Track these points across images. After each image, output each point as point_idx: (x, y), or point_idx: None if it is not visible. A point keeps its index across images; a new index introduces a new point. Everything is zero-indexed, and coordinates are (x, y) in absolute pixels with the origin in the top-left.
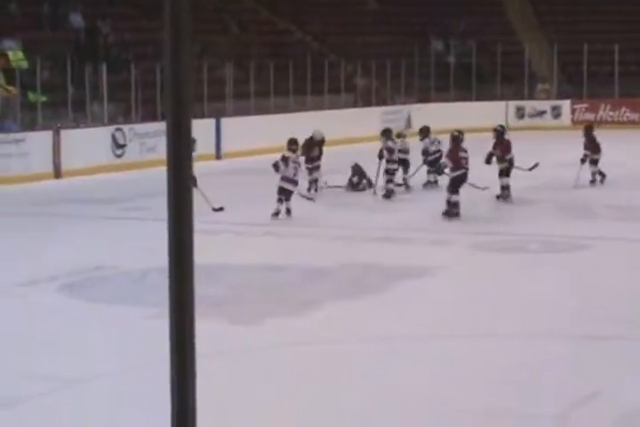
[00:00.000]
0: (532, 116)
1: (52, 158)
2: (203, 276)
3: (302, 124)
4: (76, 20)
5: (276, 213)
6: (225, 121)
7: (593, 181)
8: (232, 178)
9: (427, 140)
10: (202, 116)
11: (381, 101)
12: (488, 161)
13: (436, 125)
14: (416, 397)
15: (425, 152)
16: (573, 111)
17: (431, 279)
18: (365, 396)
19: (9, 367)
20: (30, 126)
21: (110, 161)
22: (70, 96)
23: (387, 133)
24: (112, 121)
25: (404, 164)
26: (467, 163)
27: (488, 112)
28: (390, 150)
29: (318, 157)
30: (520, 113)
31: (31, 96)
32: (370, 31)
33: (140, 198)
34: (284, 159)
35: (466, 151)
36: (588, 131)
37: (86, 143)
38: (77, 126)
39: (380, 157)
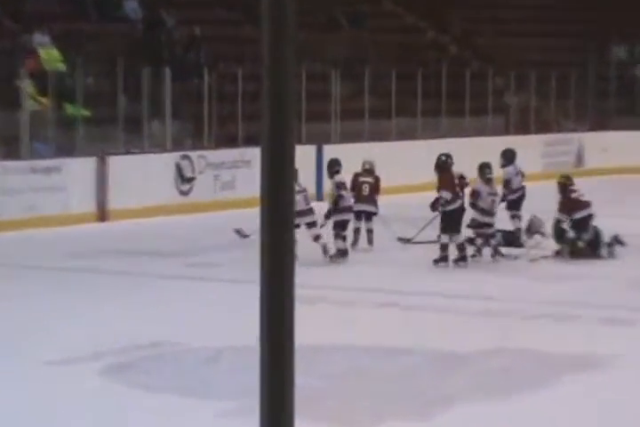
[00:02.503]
0: None
1: (96, 194)
2: (297, 360)
3: (433, 153)
4: (133, 7)
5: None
6: (329, 148)
7: None
8: None
9: (510, 169)
10: (298, 140)
11: (543, 127)
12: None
13: (618, 161)
14: None
15: (507, 184)
16: None
17: (603, 371)
18: None
19: None
20: (68, 151)
21: (173, 199)
22: (122, 110)
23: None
24: (177, 146)
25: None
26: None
27: None
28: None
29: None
30: None
31: (70, 109)
32: (528, 32)
33: (211, 251)
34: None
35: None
36: None
37: (142, 175)
38: (130, 152)
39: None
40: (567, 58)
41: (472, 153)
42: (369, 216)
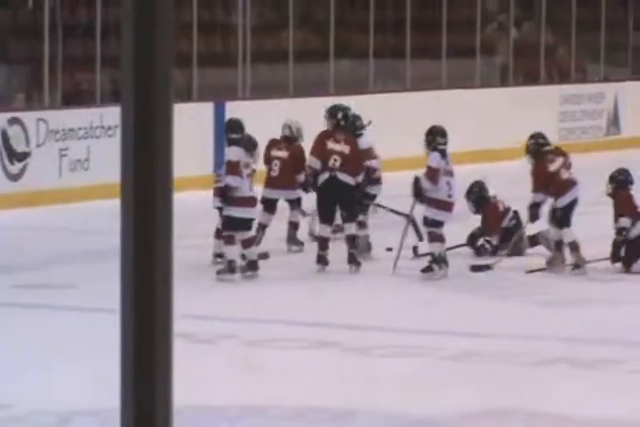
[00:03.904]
0: None
1: None
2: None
3: (391, 113)
4: None
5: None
6: (233, 106)
7: None
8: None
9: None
10: (187, 95)
11: (559, 75)
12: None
13: None
14: None
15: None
16: None
17: None
18: None
19: None
20: None
21: None
22: None
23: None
24: (1, 103)
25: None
26: None
27: None
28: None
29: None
30: None
31: None
32: None
33: (53, 266)
34: None
35: None
36: None
37: None
38: None
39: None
40: None
41: (451, 112)
42: (292, 205)
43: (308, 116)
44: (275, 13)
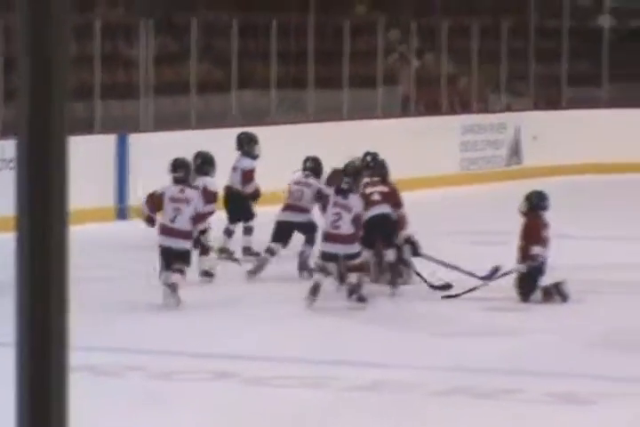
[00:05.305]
0: None
1: None
2: None
3: (294, 144)
4: None
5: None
6: (137, 138)
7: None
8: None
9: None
10: (89, 126)
11: (461, 104)
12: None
13: (570, 155)
14: None
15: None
16: None
17: None
18: None
19: None
20: None
21: None
22: None
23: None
24: None
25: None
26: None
27: None
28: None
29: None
30: None
31: None
32: None
33: None
34: None
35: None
36: None
37: None
38: None
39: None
40: (496, 1)
41: (352, 142)
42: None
43: (211, 147)
44: (176, 45)
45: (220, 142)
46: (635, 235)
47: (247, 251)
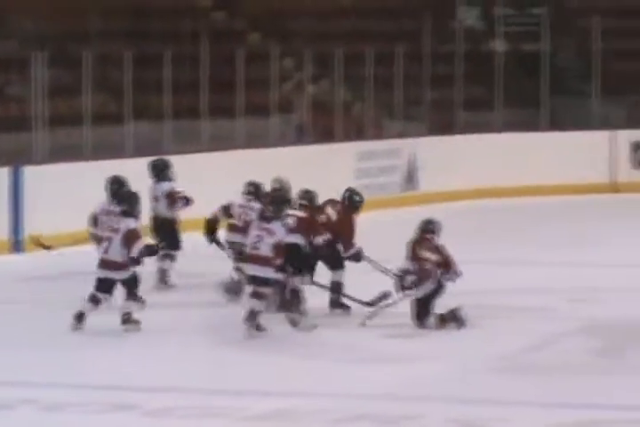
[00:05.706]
0: None
1: None
2: None
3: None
4: None
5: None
6: (31, 171)
7: None
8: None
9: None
10: None
11: (355, 131)
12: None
13: (469, 179)
14: None
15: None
16: None
17: None
18: None
19: None
20: None
21: None
22: None
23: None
24: None
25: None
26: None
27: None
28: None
29: None
30: None
31: None
32: None
33: None
34: None
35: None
36: None
37: None
38: None
39: None
40: (390, 26)
41: (246, 170)
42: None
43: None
44: (70, 76)
45: (115, 173)
46: (529, 259)
47: (163, 276)
